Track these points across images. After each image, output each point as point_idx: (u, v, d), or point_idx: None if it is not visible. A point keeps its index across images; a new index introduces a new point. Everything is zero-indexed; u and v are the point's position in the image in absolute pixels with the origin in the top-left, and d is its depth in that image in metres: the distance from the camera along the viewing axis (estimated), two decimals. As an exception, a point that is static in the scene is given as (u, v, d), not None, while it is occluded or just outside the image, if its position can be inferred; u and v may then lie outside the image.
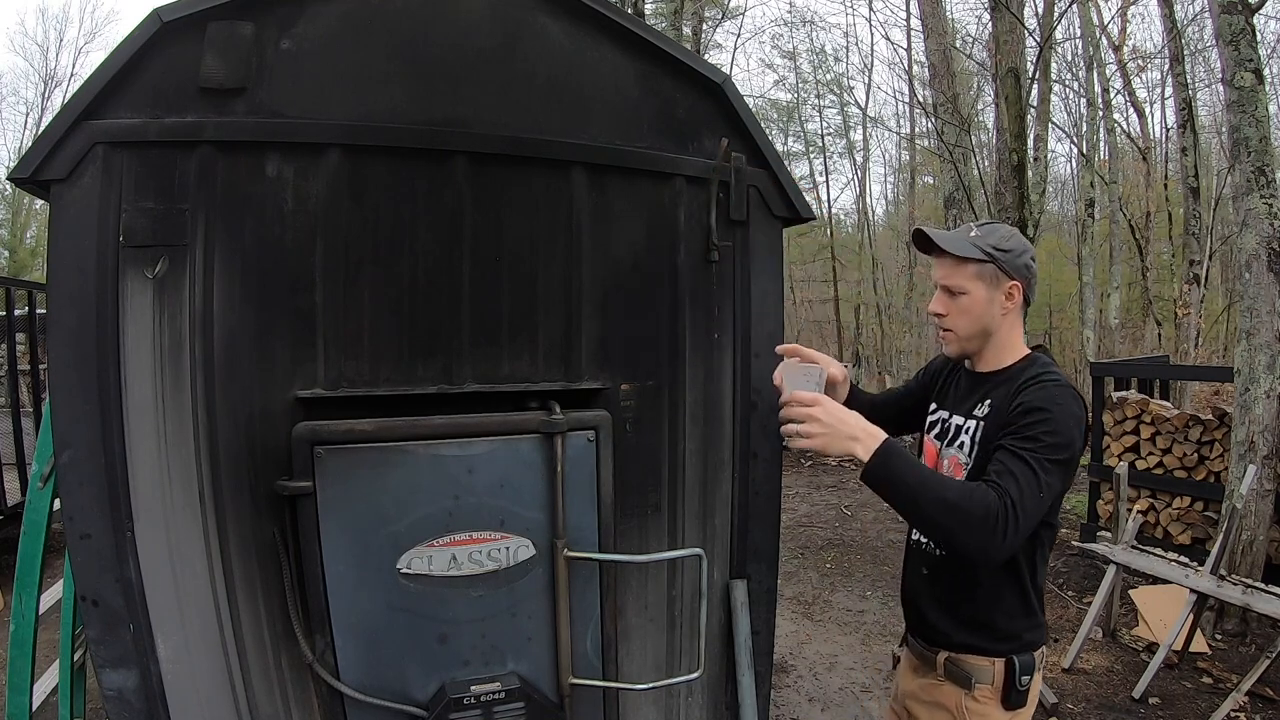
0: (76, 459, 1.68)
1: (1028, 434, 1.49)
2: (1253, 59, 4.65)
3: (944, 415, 1.81)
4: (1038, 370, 1.63)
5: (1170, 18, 11.72)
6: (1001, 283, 1.66)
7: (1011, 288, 1.66)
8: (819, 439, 1.52)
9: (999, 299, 1.67)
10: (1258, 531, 4.48)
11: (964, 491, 1.43)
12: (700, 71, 2.14)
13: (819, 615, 5.09)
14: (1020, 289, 1.66)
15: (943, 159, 8.43)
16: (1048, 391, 1.55)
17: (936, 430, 1.82)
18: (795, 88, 21.75)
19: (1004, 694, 1.63)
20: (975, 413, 1.70)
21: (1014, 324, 1.71)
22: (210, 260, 1.76)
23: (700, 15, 11.90)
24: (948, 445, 1.75)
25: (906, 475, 1.45)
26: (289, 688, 1.85)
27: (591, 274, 2.05)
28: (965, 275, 1.66)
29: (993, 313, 1.67)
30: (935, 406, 1.87)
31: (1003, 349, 1.71)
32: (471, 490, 1.85)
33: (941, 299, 1.72)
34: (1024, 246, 1.68)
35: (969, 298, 1.67)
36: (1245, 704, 3.56)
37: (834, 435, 1.51)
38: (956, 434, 1.73)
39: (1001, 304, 1.66)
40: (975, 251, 1.64)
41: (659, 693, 2.17)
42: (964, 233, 1.70)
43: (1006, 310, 1.67)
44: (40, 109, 22.29)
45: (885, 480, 1.47)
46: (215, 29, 1.73)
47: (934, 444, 1.81)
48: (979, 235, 1.67)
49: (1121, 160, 15.87)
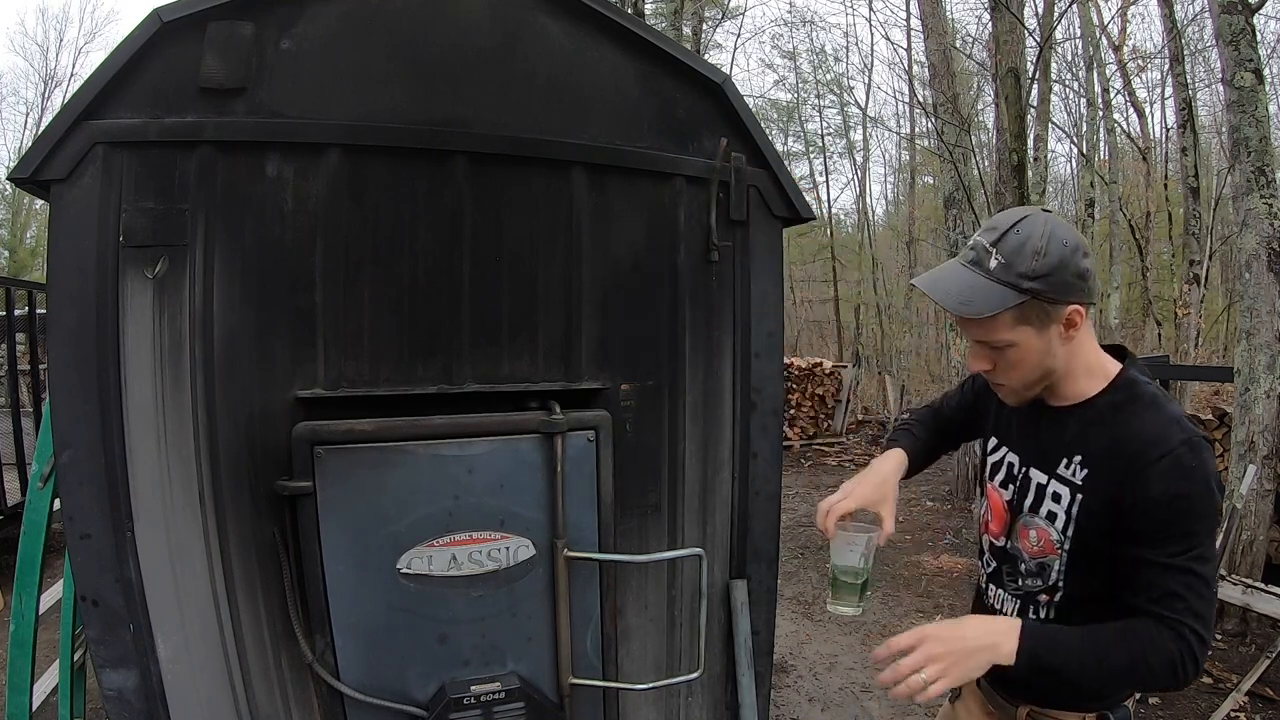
0: (76, 459, 1.68)
1: (1174, 532, 1.17)
2: (1253, 59, 4.65)
3: (1013, 460, 1.43)
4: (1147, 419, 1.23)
5: (1170, 18, 11.72)
6: (1055, 313, 1.22)
7: (1072, 314, 1.23)
8: (950, 673, 1.19)
9: (1056, 332, 1.24)
10: (1258, 531, 4.48)
11: (1136, 651, 1.17)
12: (700, 71, 2.14)
13: (819, 615, 5.09)
14: (1083, 310, 1.23)
15: (943, 159, 8.43)
16: (1179, 464, 1.17)
17: (1002, 476, 1.45)
18: (795, 88, 21.77)
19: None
20: (1064, 473, 1.31)
21: (1082, 342, 1.28)
22: (210, 260, 1.76)
23: (700, 15, 11.91)
24: (1030, 511, 1.37)
25: (1064, 662, 1.19)
26: (289, 688, 1.85)
27: (591, 274, 2.05)
28: (1003, 328, 1.23)
29: (1053, 351, 1.26)
30: (996, 442, 1.50)
31: (1077, 376, 1.31)
32: (471, 490, 1.85)
33: (982, 354, 1.30)
34: (1068, 246, 1.20)
35: (1018, 349, 1.26)
36: (1245, 704, 3.56)
37: (962, 659, 1.19)
38: (1039, 497, 1.35)
39: (1061, 336, 1.24)
40: (1004, 296, 1.20)
41: (659, 693, 2.17)
42: (981, 263, 1.23)
43: (1069, 339, 1.25)
44: (40, 109, 22.31)
45: (1039, 672, 1.21)
46: (215, 29, 1.73)
47: (999, 494, 1.45)
48: (1002, 264, 1.21)
49: (1121, 160, 15.87)
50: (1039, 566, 1.37)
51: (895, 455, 1.57)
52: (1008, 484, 1.43)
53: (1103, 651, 1.19)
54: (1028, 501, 1.38)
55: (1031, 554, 1.37)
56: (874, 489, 1.48)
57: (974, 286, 1.23)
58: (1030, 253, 1.20)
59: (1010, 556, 1.43)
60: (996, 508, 1.47)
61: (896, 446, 1.60)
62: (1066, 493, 1.30)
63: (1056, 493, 1.32)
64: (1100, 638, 1.20)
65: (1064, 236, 1.21)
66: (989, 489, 1.50)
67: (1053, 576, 1.35)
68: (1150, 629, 1.17)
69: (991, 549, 1.49)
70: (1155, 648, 1.16)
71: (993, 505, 1.48)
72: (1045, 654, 1.19)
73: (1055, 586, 1.35)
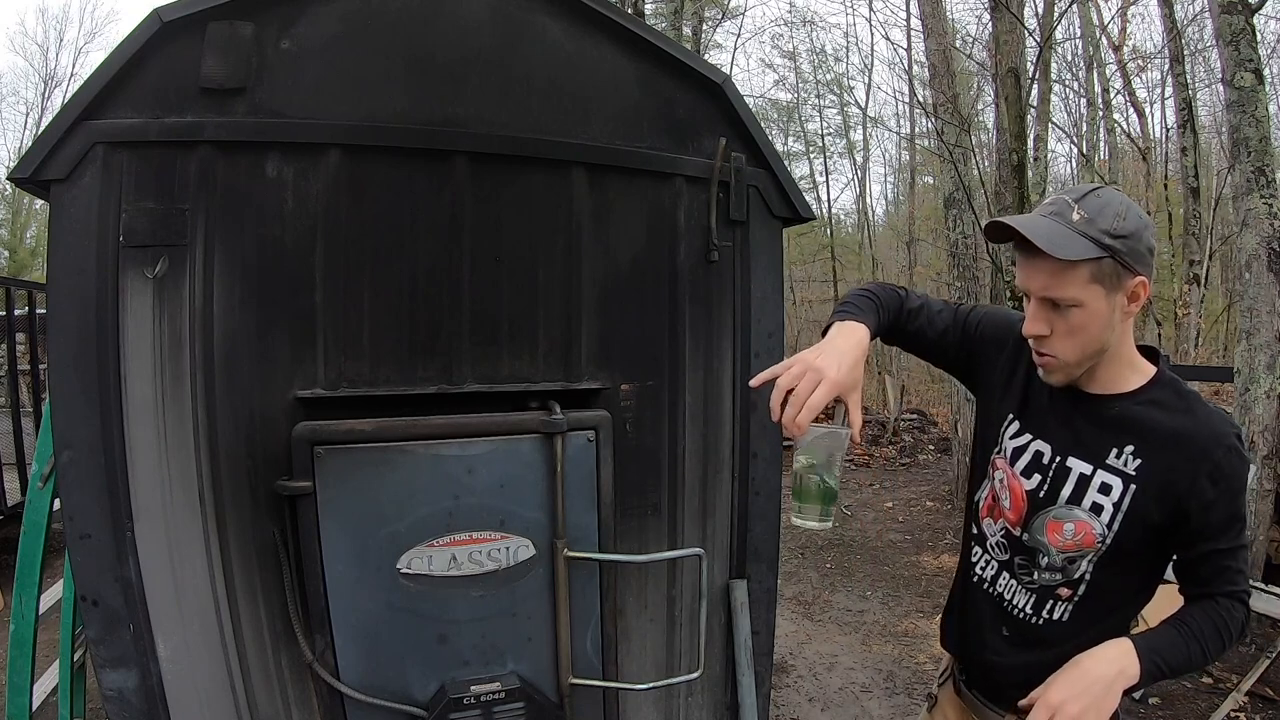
0: (76, 459, 1.68)
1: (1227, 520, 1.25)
2: (1253, 59, 4.65)
3: (1042, 449, 1.35)
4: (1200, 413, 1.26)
5: (1170, 18, 11.72)
6: (1124, 281, 1.20)
7: (1138, 286, 1.21)
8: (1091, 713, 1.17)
9: (1120, 304, 1.21)
10: (1258, 531, 4.48)
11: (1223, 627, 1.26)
12: (700, 71, 2.14)
13: (819, 615, 5.09)
14: (1148, 285, 1.21)
15: (943, 159, 8.42)
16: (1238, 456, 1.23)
17: (1025, 463, 1.37)
18: (795, 88, 21.75)
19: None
20: (1115, 463, 1.27)
21: (1130, 331, 1.28)
22: (210, 260, 1.76)
23: (700, 15, 11.90)
24: (1068, 503, 1.31)
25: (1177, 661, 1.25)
26: (289, 688, 1.85)
27: (591, 274, 2.05)
28: (1077, 282, 1.19)
29: (1113, 324, 1.22)
30: (1020, 427, 1.40)
31: (1122, 364, 1.29)
32: (471, 490, 1.85)
33: (1043, 315, 1.24)
34: (1143, 221, 1.21)
35: (1083, 311, 1.20)
36: (1245, 704, 3.56)
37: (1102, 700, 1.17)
38: (1080, 488, 1.30)
39: (1124, 309, 1.22)
40: (1087, 247, 1.17)
41: (659, 693, 2.17)
42: (1063, 215, 1.21)
43: (1130, 314, 1.23)
44: (40, 109, 22.30)
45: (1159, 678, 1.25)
46: (215, 29, 1.73)
47: (1020, 481, 1.37)
48: (1085, 218, 1.19)
49: (1121, 160, 15.87)
50: (1066, 561, 1.32)
51: (860, 332, 1.34)
52: (1032, 473, 1.36)
53: (1200, 638, 1.25)
54: (1064, 492, 1.31)
55: (1062, 548, 1.32)
56: (847, 374, 1.26)
57: (1061, 232, 1.19)
58: (1113, 214, 1.19)
59: (1029, 549, 1.36)
60: (1016, 495, 1.38)
61: (858, 321, 1.36)
62: (1118, 483, 1.26)
63: (1106, 483, 1.27)
64: (1193, 627, 1.26)
65: (1138, 210, 1.23)
66: (1009, 476, 1.39)
67: (1079, 571, 1.31)
68: (1225, 606, 1.27)
69: (1007, 537, 1.40)
70: (1233, 618, 1.26)
71: (1012, 492, 1.39)
72: (1163, 662, 1.23)
73: (1079, 580, 1.32)
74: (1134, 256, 1.19)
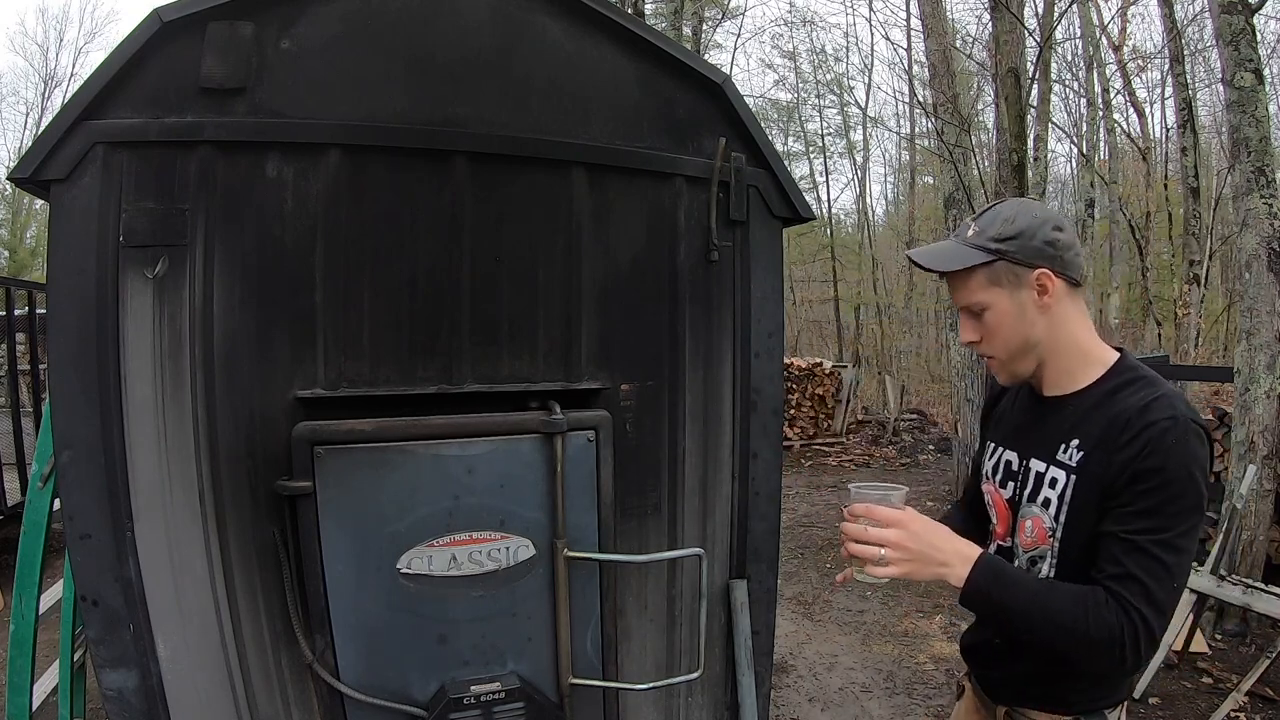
0: (76, 459, 1.68)
1: (1142, 508, 1.19)
2: (1253, 59, 4.65)
3: (1011, 457, 1.44)
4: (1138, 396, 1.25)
5: (1170, 18, 11.73)
6: (1024, 277, 1.30)
7: (1039, 277, 1.30)
8: (903, 565, 1.27)
9: (1029, 297, 1.31)
10: (1258, 531, 4.48)
11: (1079, 611, 1.18)
12: (700, 71, 2.14)
13: (819, 615, 5.09)
14: (1052, 274, 1.29)
15: (943, 159, 8.42)
16: (1160, 438, 1.19)
17: (1001, 474, 1.46)
18: (795, 88, 21.78)
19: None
20: (1061, 458, 1.32)
21: (1067, 319, 1.33)
22: (210, 260, 1.76)
23: (700, 15, 11.91)
24: (1028, 501, 1.38)
25: (1009, 600, 1.23)
26: (289, 688, 1.85)
27: (591, 274, 2.05)
28: (977, 287, 1.33)
29: (1029, 318, 1.32)
30: (994, 445, 1.50)
31: (1070, 358, 1.35)
32: (471, 490, 1.85)
33: (967, 323, 1.38)
34: (1038, 219, 1.31)
35: (993, 312, 1.33)
36: (1245, 704, 3.56)
37: (921, 561, 1.26)
38: (1037, 485, 1.36)
39: (1035, 302, 1.31)
40: (971, 255, 1.32)
41: (659, 693, 2.17)
42: (962, 234, 1.38)
43: (1045, 306, 1.31)
44: (40, 109, 22.32)
45: (985, 606, 1.27)
46: (215, 29, 1.73)
47: (1000, 493, 1.45)
48: (977, 230, 1.34)
49: (1121, 160, 15.87)
50: (1031, 561, 1.37)
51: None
52: (1008, 481, 1.44)
53: (1051, 602, 1.21)
54: (1027, 491, 1.39)
55: (1026, 547, 1.38)
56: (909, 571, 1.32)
57: (950, 249, 1.38)
58: (1001, 220, 1.33)
59: (1011, 556, 1.41)
60: (1000, 509, 1.46)
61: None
62: (1063, 476, 1.31)
63: (1054, 478, 1.33)
64: (1054, 591, 1.23)
65: (1036, 211, 1.34)
66: (992, 494, 1.48)
67: (1044, 571, 1.34)
68: (1101, 597, 1.19)
69: (999, 550, 1.45)
70: (1100, 616, 1.17)
71: (996, 507, 1.47)
72: (994, 589, 1.23)
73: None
74: (1027, 253, 1.30)
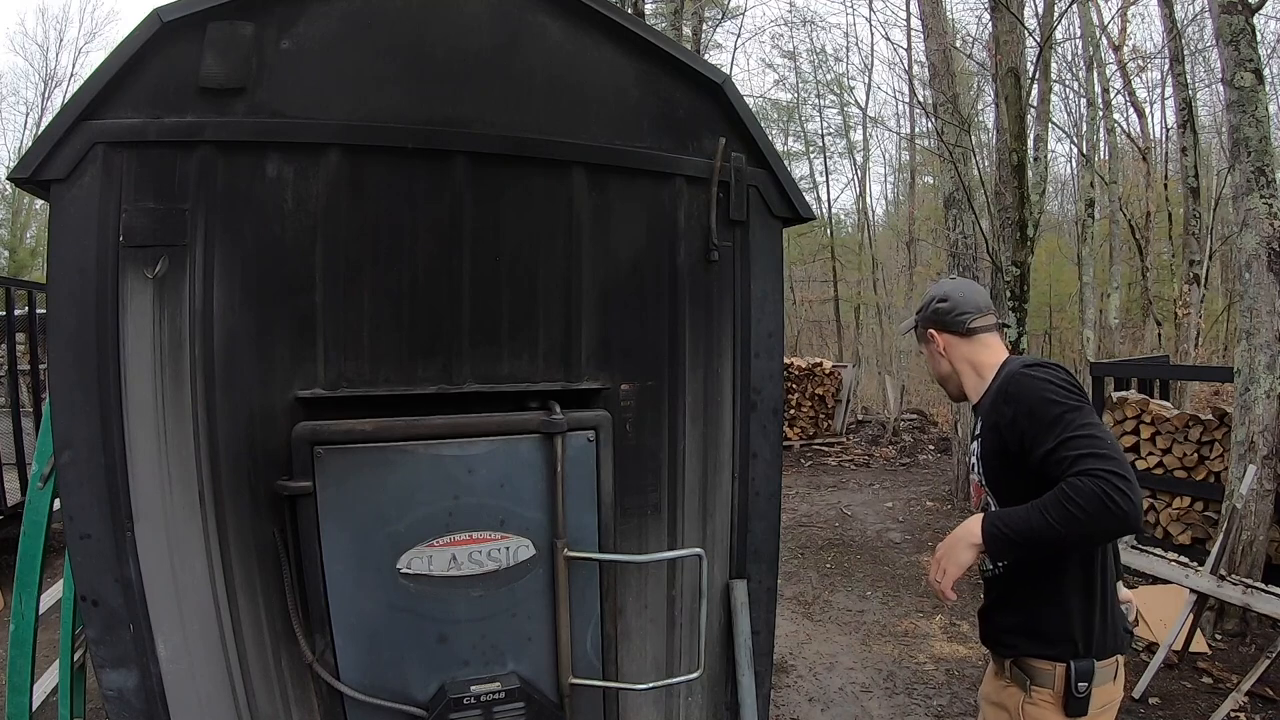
0: (76, 459, 1.68)
1: (1040, 433, 1.55)
2: (1253, 59, 4.65)
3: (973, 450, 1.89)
4: (1002, 378, 1.75)
5: (1170, 18, 11.73)
6: (928, 334, 1.92)
7: (929, 334, 1.92)
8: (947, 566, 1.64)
9: (933, 347, 1.92)
10: (1258, 531, 4.48)
11: (1064, 497, 1.46)
12: (700, 71, 2.14)
13: (819, 615, 5.09)
14: (937, 332, 1.89)
15: (943, 159, 8.43)
16: (1016, 384, 1.65)
17: (972, 465, 1.89)
18: (795, 88, 21.78)
19: (1064, 700, 1.64)
20: (976, 434, 1.82)
21: (965, 357, 1.86)
22: (210, 260, 1.76)
23: (700, 15, 11.90)
24: (972, 474, 1.87)
25: (1016, 524, 1.53)
26: (289, 688, 1.85)
27: (591, 274, 2.05)
28: (920, 342, 2.00)
29: (937, 360, 1.93)
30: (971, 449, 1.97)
31: (972, 379, 1.86)
32: (471, 490, 1.85)
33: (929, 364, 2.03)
34: (930, 295, 1.94)
35: (927, 357, 2.00)
36: (1245, 704, 3.56)
37: (951, 553, 1.64)
38: (976, 462, 1.83)
39: (938, 351, 1.91)
40: (909, 323, 2.03)
41: (659, 693, 2.17)
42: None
43: (943, 354, 1.90)
44: (40, 109, 22.31)
45: (1008, 545, 1.56)
46: (215, 29, 1.73)
47: (973, 477, 1.89)
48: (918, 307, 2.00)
49: (1121, 160, 15.86)
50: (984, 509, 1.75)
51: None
52: (975, 469, 1.86)
53: (1041, 507, 1.49)
54: (973, 473, 1.86)
55: (978, 506, 1.83)
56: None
57: (910, 320, 2.04)
58: (922, 299, 1.98)
59: None
60: (976, 494, 1.87)
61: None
62: (976, 446, 1.81)
63: (974, 450, 1.82)
64: (1042, 501, 1.50)
65: (934, 290, 1.96)
66: (973, 485, 1.91)
67: None
68: (1071, 481, 1.46)
69: None
70: (1078, 490, 1.44)
71: (974, 494, 1.89)
72: (1003, 525, 1.55)
73: None
74: (926, 320, 1.93)
